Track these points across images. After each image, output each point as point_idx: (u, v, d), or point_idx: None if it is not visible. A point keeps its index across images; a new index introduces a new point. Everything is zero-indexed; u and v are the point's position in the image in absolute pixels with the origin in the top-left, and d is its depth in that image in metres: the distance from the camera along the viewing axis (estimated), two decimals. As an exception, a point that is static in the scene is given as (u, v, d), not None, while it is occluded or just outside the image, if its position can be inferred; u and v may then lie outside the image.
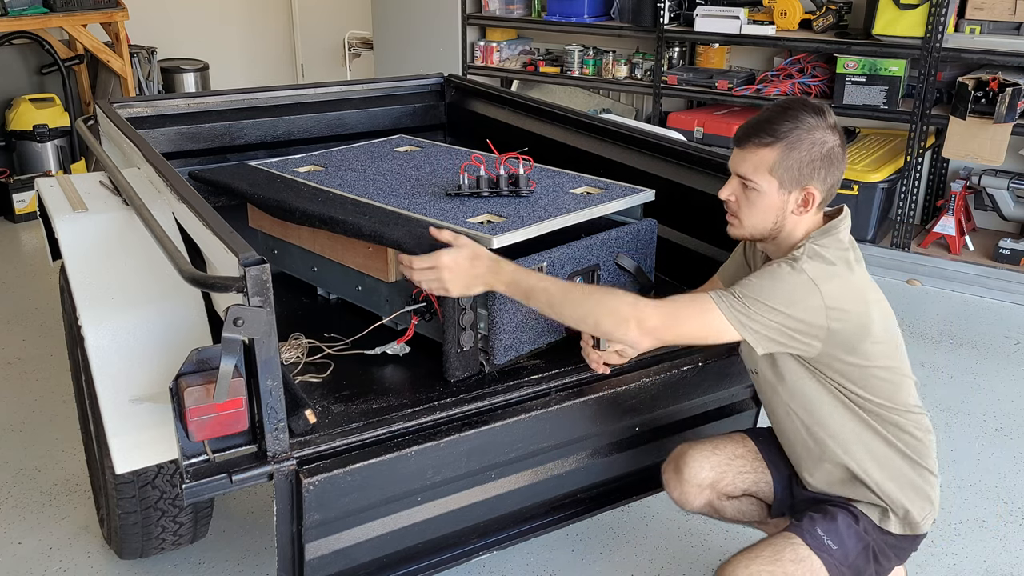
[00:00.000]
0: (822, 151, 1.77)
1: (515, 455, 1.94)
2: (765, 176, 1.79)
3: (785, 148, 1.76)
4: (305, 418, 1.76)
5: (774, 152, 1.77)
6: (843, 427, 1.87)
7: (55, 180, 2.49)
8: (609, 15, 5.29)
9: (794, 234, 1.84)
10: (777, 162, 1.77)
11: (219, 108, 3.09)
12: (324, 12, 7.09)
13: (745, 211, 1.84)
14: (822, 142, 1.77)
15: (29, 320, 4.01)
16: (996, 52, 4.10)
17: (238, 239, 1.65)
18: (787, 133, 1.76)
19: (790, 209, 1.81)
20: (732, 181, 1.85)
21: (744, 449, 2.08)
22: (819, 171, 1.78)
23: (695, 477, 2.04)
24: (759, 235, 1.87)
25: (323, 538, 1.78)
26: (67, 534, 2.65)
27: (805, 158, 1.76)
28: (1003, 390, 3.49)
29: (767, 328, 1.74)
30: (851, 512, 1.90)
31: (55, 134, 5.42)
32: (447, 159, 2.73)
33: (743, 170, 1.81)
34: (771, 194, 1.79)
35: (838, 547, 1.84)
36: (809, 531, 1.86)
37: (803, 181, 1.78)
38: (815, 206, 1.82)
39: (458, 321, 1.95)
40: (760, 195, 1.80)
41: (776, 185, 1.79)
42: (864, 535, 1.88)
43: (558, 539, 2.59)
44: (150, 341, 1.91)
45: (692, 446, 2.08)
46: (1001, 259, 4.33)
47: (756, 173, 1.79)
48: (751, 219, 1.84)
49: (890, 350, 1.86)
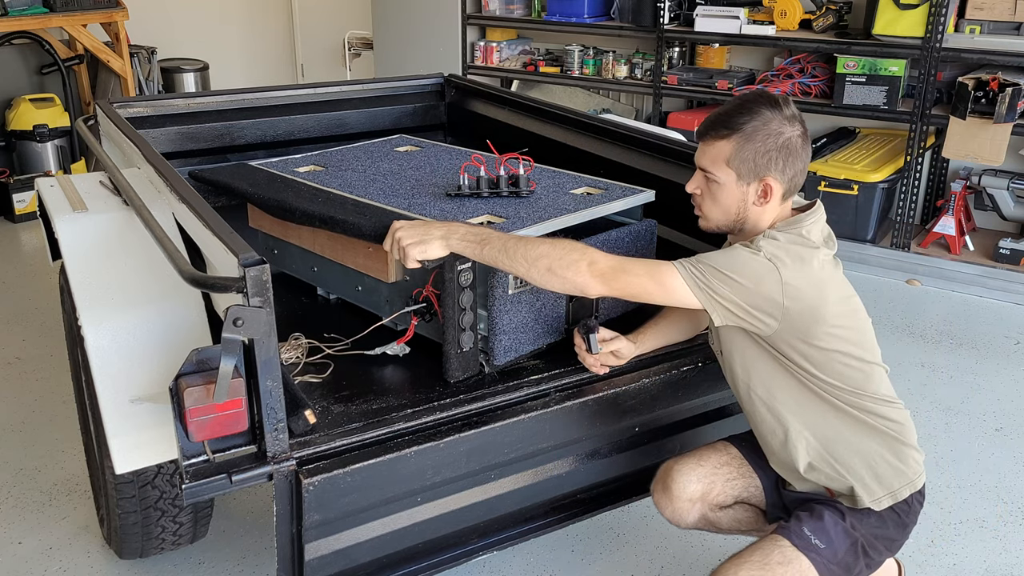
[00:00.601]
0: (778, 142, 1.80)
1: (515, 455, 1.94)
2: (723, 168, 1.83)
3: (741, 139, 1.80)
4: (305, 418, 1.76)
5: (730, 144, 1.81)
6: (801, 403, 1.87)
7: (55, 180, 2.49)
8: (609, 15, 5.29)
9: (759, 226, 1.87)
10: (733, 154, 1.81)
11: (219, 108, 3.09)
12: (324, 12, 7.09)
13: (708, 204, 1.90)
14: (778, 133, 1.80)
15: (29, 320, 4.01)
16: (996, 52, 4.10)
17: (238, 239, 1.65)
18: (743, 125, 1.80)
19: (751, 200, 1.84)
20: (696, 175, 1.91)
21: (728, 456, 2.08)
22: (775, 162, 1.81)
23: (684, 492, 2.03)
24: (724, 227, 1.91)
25: (323, 538, 1.78)
26: (67, 534, 2.65)
27: (760, 149, 1.80)
28: (1003, 390, 3.49)
29: (724, 298, 1.77)
30: (838, 509, 1.90)
31: (55, 134, 5.42)
32: (447, 159, 2.73)
33: (703, 163, 1.87)
34: (730, 185, 1.84)
35: (826, 546, 1.84)
36: (796, 532, 1.85)
37: (760, 172, 1.81)
38: (776, 197, 1.84)
39: (458, 321, 1.95)
40: (720, 187, 1.85)
41: (734, 177, 1.83)
42: (852, 531, 1.88)
43: (558, 539, 2.59)
44: (150, 341, 1.91)
45: (677, 462, 2.07)
46: (1001, 259, 4.33)
47: (715, 165, 1.84)
48: (714, 211, 1.89)
49: (854, 336, 1.85)
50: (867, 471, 1.88)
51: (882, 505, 1.90)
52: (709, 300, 1.78)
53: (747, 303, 1.77)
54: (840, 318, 1.82)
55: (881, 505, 1.90)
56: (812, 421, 1.89)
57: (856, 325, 1.87)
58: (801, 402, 1.88)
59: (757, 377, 1.90)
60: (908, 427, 1.92)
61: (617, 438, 2.14)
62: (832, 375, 1.83)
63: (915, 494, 1.93)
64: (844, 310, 1.84)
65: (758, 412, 1.94)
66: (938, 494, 2.86)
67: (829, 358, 1.82)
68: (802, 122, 1.84)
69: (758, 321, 1.79)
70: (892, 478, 1.89)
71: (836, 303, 1.82)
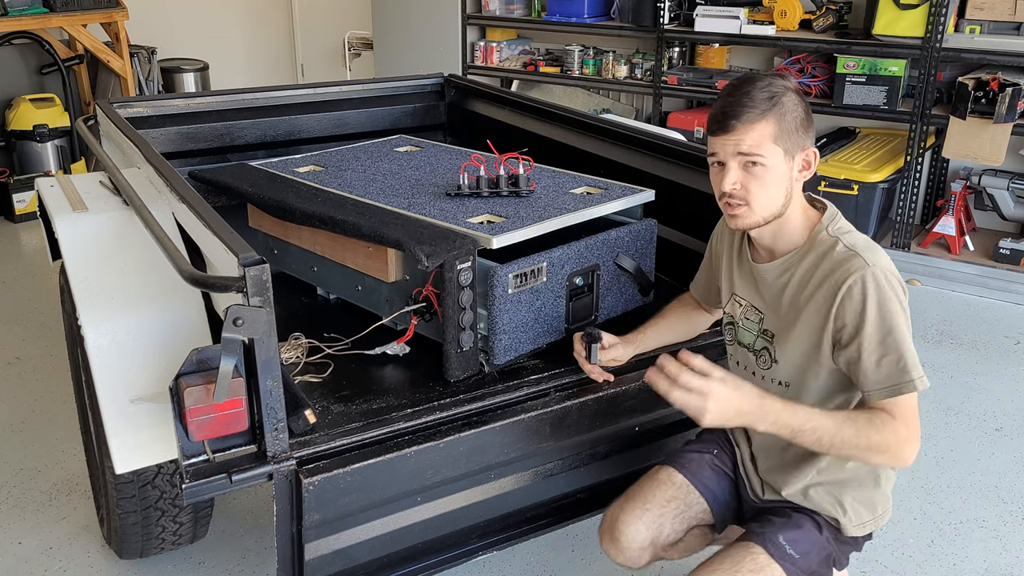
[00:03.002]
0: (803, 110, 1.74)
1: (515, 455, 1.94)
2: (770, 147, 1.70)
3: (777, 115, 1.70)
4: (305, 418, 1.76)
5: (769, 122, 1.69)
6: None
7: (55, 180, 2.49)
8: (609, 15, 5.29)
9: (795, 210, 1.79)
10: (777, 130, 1.70)
11: (219, 108, 3.09)
12: (324, 12, 7.10)
13: (756, 191, 1.73)
14: (799, 102, 1.74)
15: (29, 320, 4.02)
16: (996, 52, 4.10)
17: (238, 239, 1.65)
18: (770, 101, 1.70)
19: (794, 176, 1.76)
20: (731, 167, 1.73)
21: (674, 489, 1.99)
22: (809, 130, 1.76)
23: (633, 542, 1.95)
24: (772, 214, 1.76)
25: (323, 538, 1.78)
26: (67, 534, 2.65)
27: (797, 119, 1.72)
28: (1003, 390, 3.49)
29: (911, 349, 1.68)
30: (815, 520, 1.85)
31: (55, 134, 5.42)
32: (447, 159, 2.73)
33: (746, 148, 1.70)
34: (779, 165, 1.72)
35: (800, 556, 1.79)
36: (771, 540, 1.80)
37: (802, 142, 1.74)
38: (814, 166, 1.78)
39: (458, 321, 1.95)
40: (768, 170, 1.71)
41: (781, 154, 1.72)
42: (827, 544, 1.84)
43: (558, 539, 2.59)
44: (150, 341, 1.91)
45: (622, 510, 1.97)
46: (1001, 259, 4.33)
47: (761, 147, 1.70)
48: (764, 198, 1.73)
49: None
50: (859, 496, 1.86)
51: (866, 530, 1.89)
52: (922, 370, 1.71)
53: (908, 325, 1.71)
54: None
55: (865, 530, 1.88)
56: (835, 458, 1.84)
57: None
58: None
59: (809, 392, 1.82)
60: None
61: (617, 438, 2.14)
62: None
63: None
64: None
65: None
66: (938, 494, 2.86)
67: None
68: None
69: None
70: (879, 505, 1.88)
71: None
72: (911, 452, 1.68)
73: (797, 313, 1.78)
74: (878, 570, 2.53)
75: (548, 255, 2.06)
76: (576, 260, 2.13)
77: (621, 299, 2.28)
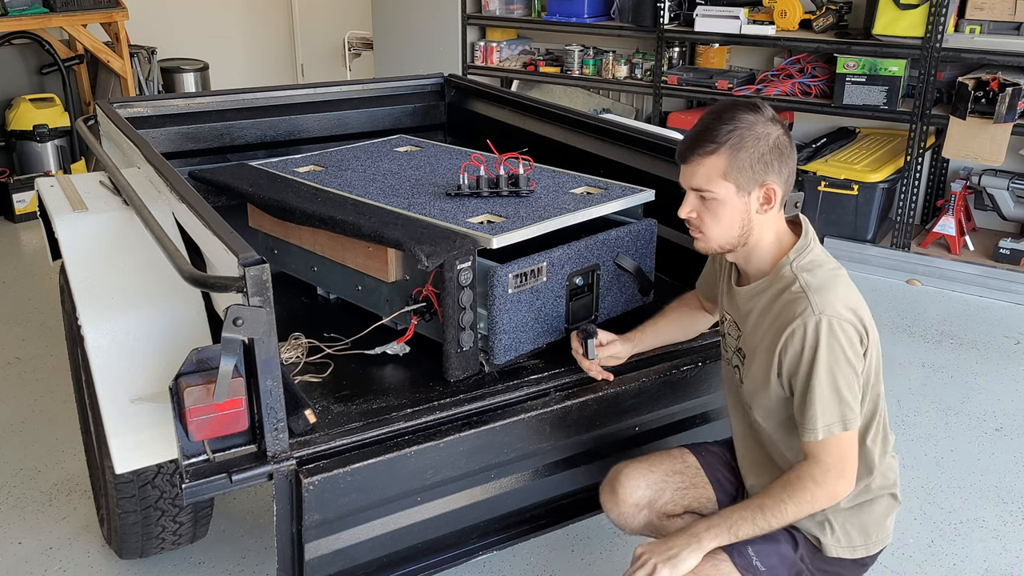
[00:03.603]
0: (768, 144, 1.72)
1: (515, 455, 1.94)
2: (720, 183, 1.72)
3: (731, 150, 1.70)
4: (305, 418, 1.76)
5: (721, 157, 1.71)
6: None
7: (55, 180, 2.49)
8: (609, 15, 5.29)
9: (763, 238, 1.79)
10: (728, 166, 1.71)
11: (219, 108, 3.09)
12: (324, 12, 7.10)
13: (709, 223, 1.77)
14: (766, 135, 1.72)
15: (29, 320, 4.02)
16: (996, 52, 4.10)
17: (238, 239, 1.65)
18: (728, 135, 1.71)
19: (753, 210, 1.76)
20: (689, 197, 1.78)
21: (683, 465, 2.01)
22: (772, 164, 1.73)
23: (631, 496, 1.96)
24: (728, 245, 1.80)
25: (323, 538, 1.78)
26: (67, 534, 2.65)
27: (754, 155, 1.71)
28: (1003, 390, 3.49)
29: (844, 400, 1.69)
30: (792, 536, 1.83)
31: (55, 134, 5.42)
32: (447, 159, 2.73)
33: (696, 183, 1.75)
34: (731, 199, 1.73)
35: (766, 569, 1.76)
36: (739, 549, 1.75)
37: (759, 178, 1.73)
38: (778, 202, 1.77)
39: (458, 321, 1.95)
40: (720, 203, 1.74)
41: (733, 189, 1.73)
42: (799, 562, 1.82)
43: (558, 539, 2.59)
44: (150, 341, 1.91)
45: (628, 465, 2.00)
46: (1001, 259, 4.33)
47: (710, 182, 1.73)
48: (717, 230, 1.77)
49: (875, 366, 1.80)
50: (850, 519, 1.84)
51: (856, 555, 1.85)
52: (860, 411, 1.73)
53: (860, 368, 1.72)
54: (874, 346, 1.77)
55: (855, 555, 1.85)
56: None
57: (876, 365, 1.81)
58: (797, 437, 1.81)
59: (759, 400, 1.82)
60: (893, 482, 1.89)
61: (617, 438, 2.14)
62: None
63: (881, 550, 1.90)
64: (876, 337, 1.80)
65: (748, 435, 1.91)
66: (938, 494, 2.86)
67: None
68: (782, 122, 1.78)
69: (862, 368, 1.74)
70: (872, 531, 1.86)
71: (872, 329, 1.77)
72: (839, 489, 1.72)
73: (756, 344, 1.80)
74: (878, 570, 2.52)
75: (548, 255, 2.06)
76: (576, 260, 2.13)
77: (621, 299, 2.28)
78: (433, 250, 1.91)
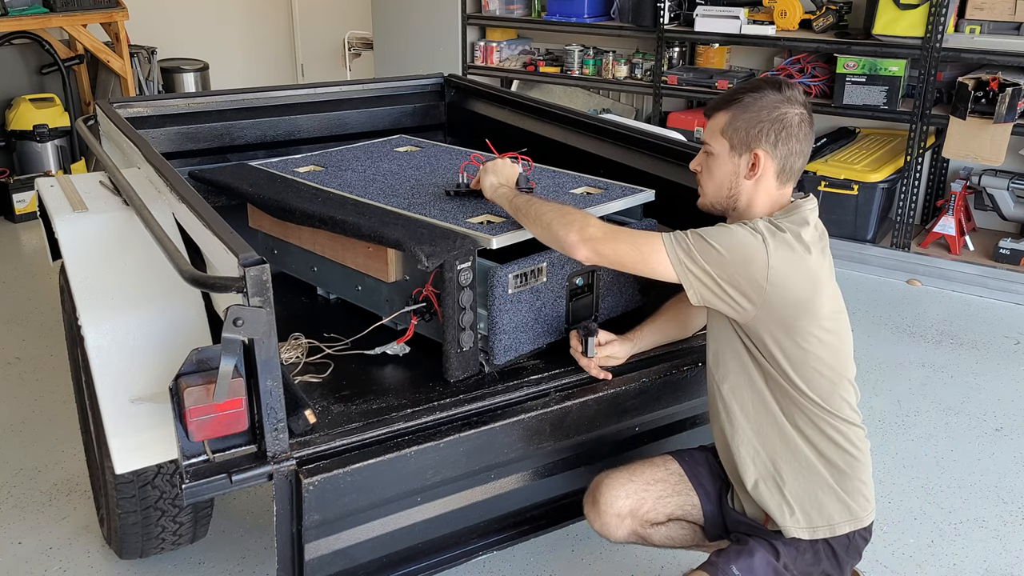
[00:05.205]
0: (772, 115, 1.80)
1: (515, 455, 1.94)
2: (718, 138, 1.85)
3: (736, 110, 1.83)
4: (305, 418, 1.76)
5: (726, 115, 1.83)
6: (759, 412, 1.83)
7: (55, 180, 2.49)
8: (609, 15, 5.29)
9: (752, 207, 1.85)
10: (728, 123, 1.83)
11: (219, 108, 3.09)
12: (324, 12, 7.09)
13: (704, 177, 1.91)
14: (773, 107, 1.80)
15: (29, 320, 4.01)
16: (996, 52, 4.10)
17: (238, 239, 1.65)
18: (741, 97, 1.83)
19: (742, 174, 1.83)
20: (700, 153, 1.93)
21: (665, 472, 2.02)
22: (767, 134, 1.79)
23: (612, 507, 1.96)
24: (718, 204, 1.91)
25: (323, 538, 1.78)
26: (67, 534, 2.65)
27: (753, 119, 1.80)
28: (1003, 390, 3.49)
29: (703, 274, 1.75)
30: (772, 546, 1.84)
31: (55, 134, 5.42)
32: (447, 159, 2.73)
33: (704, 136, 1.90)
34: (723, 156, 1.85)
35: None
36: (723, 569, 1.79)
37: (751, 143, 1.81)
38: (767, 174, 1.81)
39: (458, 321, 1.95)
40: (715, 159, 1.86)
41: (727, 147, 1.84)
42: (783, 571, 1.82)
43: (558, 539, 2.59)
44: (150, 341, 1.91)
45: (608, 475, 2.00)
46: (1001, 259, 4.33)
47: (711, 136, 1.86)
48: (709, 184, 1.90)
49: (835, 345, 1.80)
50: (809, 498, 1.84)
51: (816, 535, 1.84)
52: (684, 274, 1.76)
53: (725, 280, 1.73)
54: (829, 320, 1.78)
55: (816, 535, 1.84)
56: (766, 433, 1.84)
57: (841, 334, 1.82)
58: (760, 411, 1.84)
59: (724, 370, 1.88)
60: (862, 461, 1.86)
61: (617, 438, 2.14)
62: (802, 377, 1.78)
63: (860, 531, 1.87)
64: (836, 313, 1.81)
65: (719, 413, 1.92)
66: (938, 494, 2.86)
67: (805, 357, 1.77)
68: (806, 107, 1.82)
69: (733, 302, 1.74)
70: (834, 511, 1.84)
71: (830, 303, 1.79)
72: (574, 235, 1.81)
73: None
74: (878, 570, 2.53)
75: (548, 255, 2.06)
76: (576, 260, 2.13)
77: (621, 299, 2.28)
78: (433, 250, 1.91)
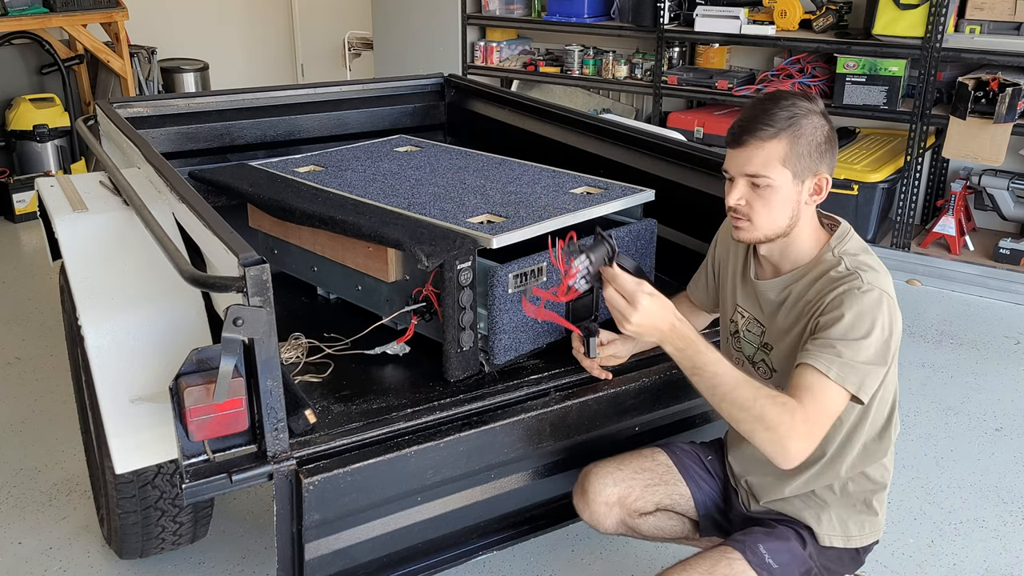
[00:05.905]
0: (823, 134, 1.71)
1: (515, 455, 1.94)
2: (778, 169, 1.69)
3: (791, 137, 1.68)
4: (305, 418, 1.76)
5: (781, 143, 1.68)
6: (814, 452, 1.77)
7: (55, 180, 2.49)
8: (609, 15, 5.29)
9: (804, 229, 1.78)
10: (787, 153, 1.69)
11: (219, 108, 3.09)
12: (324, 12, 7.10)
13: (760, 211, 1.73)
14: (821, 125, 1.71)
15: (29, 320, 4.01)
16: (996, 52, 4.10)
17: (238, 239, 1.65)
18: (788, 121, 1.68)
19: (803, 200, 1.74)
20: (739, 183, 1.74)
21: (652, 463, 2.01)
22: (826, 155, 1.73)
23: (600, 495, 1.95)
24: (774, 234, 1.76)
25: (323, 538, 1.78)
26: (67, 534, 2.65)
27: (812, 143, 1.70)
28: (1003, 390, 3.49)
29: (867, 373, 1.64)
30: (799, 533, 1.84)
31: (55, 134, 5.42)
32: (447, 159, 2.73)
33: (752, 168, 1.71)
34: (786, 187, 1.70)
35: (779, 567, 1.76)
36: (751, 547, 1.77)
37: (814, 167, 1.72)
38: (826, 192, 1.76)
39: (458, 321, 1.95)
40: (774, 190, 1.70)
41: (790, 176, 1.70)
42: (808, 560, 1.82)
43: (558, 539, 2.59)
44: (150, 341, 1.91)
45: (596, 465, 2.00)
46: (1001, 259, 4.33)
47: (768, 167, 1.69)
48: (766, 218, 1.73)
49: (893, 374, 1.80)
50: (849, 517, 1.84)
51: (850, 544, 1.85)
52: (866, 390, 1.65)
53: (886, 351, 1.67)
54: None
55: (849, 544, 1.85)
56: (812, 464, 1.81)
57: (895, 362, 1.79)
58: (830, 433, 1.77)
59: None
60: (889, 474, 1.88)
61: (617, 438, 2.14)
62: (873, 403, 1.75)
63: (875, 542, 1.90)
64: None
65: None
66: (938, 494, 2.86)
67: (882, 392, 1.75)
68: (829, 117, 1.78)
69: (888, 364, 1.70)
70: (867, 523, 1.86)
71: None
72: (796, 449, 1.60)
73: (790, 327, 1.79)
74: (878, 570, 2.53)
75: (548, 255, 2.06)
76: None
77: (621, 299, 2.28)
78: (433, 250, 1.91)
